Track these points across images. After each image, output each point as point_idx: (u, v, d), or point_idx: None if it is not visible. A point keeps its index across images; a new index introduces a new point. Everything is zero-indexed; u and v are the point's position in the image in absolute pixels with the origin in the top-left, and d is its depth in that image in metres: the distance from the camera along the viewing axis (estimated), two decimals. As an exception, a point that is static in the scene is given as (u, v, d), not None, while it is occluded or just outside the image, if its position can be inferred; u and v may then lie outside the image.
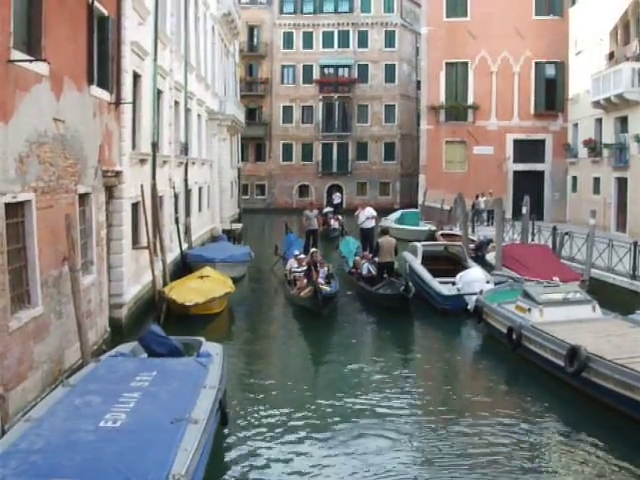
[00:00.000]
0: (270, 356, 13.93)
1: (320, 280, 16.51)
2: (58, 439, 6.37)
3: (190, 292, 15.69)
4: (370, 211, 24.93)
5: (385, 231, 19.65)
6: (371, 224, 24.69)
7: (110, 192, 13.90)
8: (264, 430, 9.20)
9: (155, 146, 17.45)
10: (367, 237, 24.13)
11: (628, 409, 9.29)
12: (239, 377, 11.66)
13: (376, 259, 18.56)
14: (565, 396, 10.56)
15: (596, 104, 29.82)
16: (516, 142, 37.85)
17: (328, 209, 39.06)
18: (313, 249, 20.18)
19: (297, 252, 20.41)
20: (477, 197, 33.11)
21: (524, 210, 21.82)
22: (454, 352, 14.20)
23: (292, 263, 19.64)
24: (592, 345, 10.39)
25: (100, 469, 5.83)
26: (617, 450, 8.60)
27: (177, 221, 21.07)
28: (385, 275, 18.02)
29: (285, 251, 22.93)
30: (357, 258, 20.41)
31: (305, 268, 17.93)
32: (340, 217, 35.91)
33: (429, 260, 18.86)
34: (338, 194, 53.90)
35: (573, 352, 10.29)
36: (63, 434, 6.48)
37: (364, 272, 18.92)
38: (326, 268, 18.20)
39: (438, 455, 8.47)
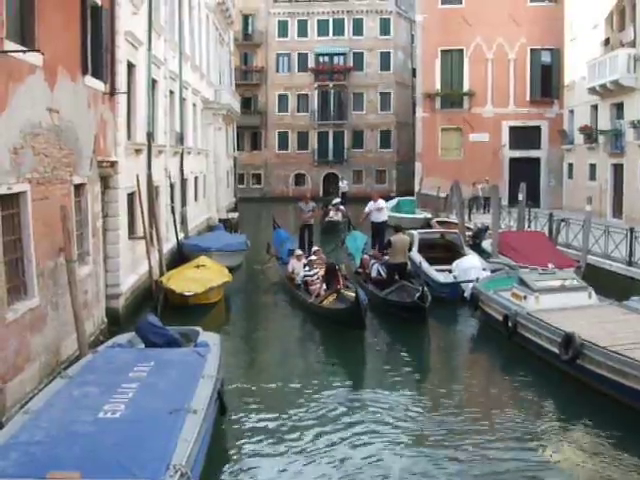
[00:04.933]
0: (267, 345, 13.93)
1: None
2: (57, 431, 6.37)
3: (188, 282, 15.68)
4: (382, 203, 22.13)
5: (398, 228, 17.04)
6: (384, 217, 21.72)
7: (106, 182, 13.87)
8: (263, 419, 9.22)
9: (150, 136, 17.40)
10: (379, 232, 21.17)
11: (622, 395, 9.34)
12: (237, 366, 11.66)
13: (386, 258, 16.83)
14: (560, 383, 10.61)
15: (592, 90, 29.76)
16: (512, 129, 37.84)
17: (336, 200, 35.07)
18: (315, 247, 18.83)
19: (299, 251, 18.28)
20: (474, 184, 32.78)
21: (520, 197, 21.81)
22: (450, 340, 14.26)
23: (295, 264, 17.39)
24: (587, 332, 10.42)
25: (100, 460, 5.83)
26: (611, 436, 8.64)
27: (173, 211, 21.04)
28: (396, 278, 16.15)
29: (278, 249, 20.63)
30: (365, 257, 18.03)
31: (317, 271, 16.27)
32: (343, 208, 31.88)
33: (425, 248, 18.80)
34: (345, 182, 48.98)
35: (568, 339, 10.32)
36: (62, 426, 6.48)
37: (374, 274, 16.76)
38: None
39: (433, 440, 8.51)
